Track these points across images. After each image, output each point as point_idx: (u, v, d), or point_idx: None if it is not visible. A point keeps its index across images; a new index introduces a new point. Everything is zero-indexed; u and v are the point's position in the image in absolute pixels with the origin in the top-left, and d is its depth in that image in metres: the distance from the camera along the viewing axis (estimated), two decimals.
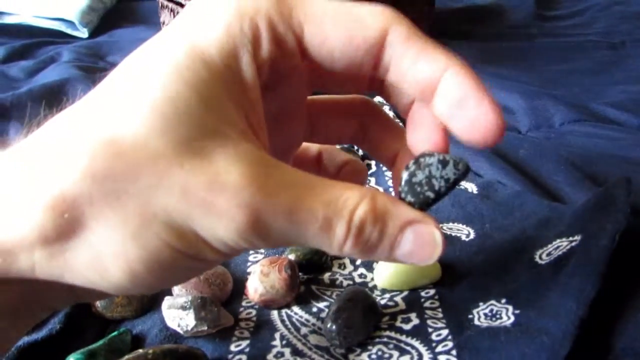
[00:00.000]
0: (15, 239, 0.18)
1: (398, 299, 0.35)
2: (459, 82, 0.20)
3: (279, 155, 0.21)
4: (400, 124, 0.27)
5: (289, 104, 0.24)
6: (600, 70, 0.83)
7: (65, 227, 0.18)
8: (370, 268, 0.38)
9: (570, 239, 0.36)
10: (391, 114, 0.56)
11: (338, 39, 0.20)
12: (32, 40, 0.86)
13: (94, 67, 0.77)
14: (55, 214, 0.17)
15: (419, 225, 0.20)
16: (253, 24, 0.20)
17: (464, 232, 0.42)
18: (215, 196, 0.18)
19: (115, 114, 0.18)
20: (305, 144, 0.28)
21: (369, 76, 0.23)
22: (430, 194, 0.21)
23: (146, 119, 0.18)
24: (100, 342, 0.30)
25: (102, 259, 0.18)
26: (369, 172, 0.51)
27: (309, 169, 0.26)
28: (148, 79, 0.18)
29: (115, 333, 0.31)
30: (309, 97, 0.26)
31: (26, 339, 0.29)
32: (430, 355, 0.30)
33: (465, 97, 0.20)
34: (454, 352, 0.30)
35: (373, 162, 0.51)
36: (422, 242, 0.20)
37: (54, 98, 0.64)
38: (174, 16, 0.82)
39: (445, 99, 0.20)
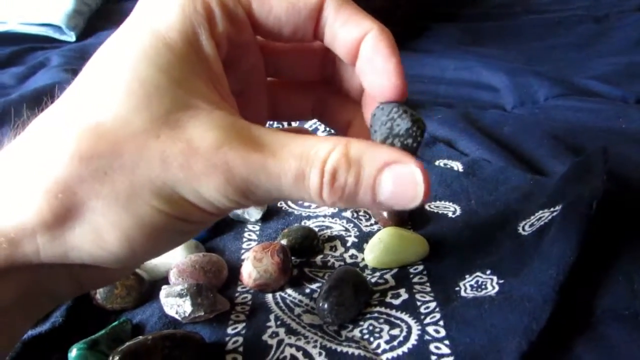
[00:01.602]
0: (18, 226, 0.19)
1: (388, 276, 0.36)
2: (375, 42, 0.22)
3: None
4: None
5: (250, 80, 0.26)
6: (584, 44, 0.84)
7: (62, 209, 0.19)
8: (360, 249, 0.39)
9: (552, 209, 0.37)
10: None
11: (282, 7, 0.22)
12: (21, 47, 0.86)
13: (82, 69, 0.77)
14: (51, 198, 0.19)
15: (397, 166, 0.20)
16: (205, 3, 0.21)
17: (451, 209, 0.43)
18: (192, 160, 0.19)
19: (94, 101, 0.20)
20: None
21: (319, 57, 0.26)
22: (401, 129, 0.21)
23: (122, 101, 0.20)
24: (102, 332, 0.31)
25: (100, 231, 0.20)
26: None
27: None
28: (119, 65, 0.20)
29: (115, 323, 0.32)
30: (269, 79, 0.28)
31: (30, 333, 0.31)
32: (419, 327, 0.31)
33: (375, 55, 0.22)
34: (441, 322, 0.31)
35: None
36: (402, 182, 0.20)
37: (46, 102, 0.65)
38: None
39: (361, 56, 0.22)
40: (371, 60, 0.22)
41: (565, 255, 0.31)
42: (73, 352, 0.29)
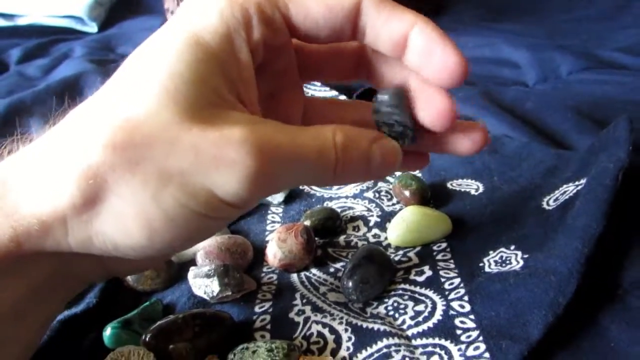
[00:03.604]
0: (50, 210, 0.20)
1: (411, 254, 0.37)
2: (425, 34, 0.22)
3: None
4: None
5: (283, 81, 0.27)
6: (608, 17, 0.81)
7: (92, 194, 0.20)
8: (383, 228, 0.40)
9: (576, 183, 0.37)
10: None
11: (319, 11, 0.23)
12: (45, 39, 0.88)
13: (105, 59, 0.79)
14: (82, 183, 0.20)
15: (381, 141, 0.24)
16: (243, 9, 0.22)
17: (473, 186, 0.43)
18: (225, 150, 0.20)
19: (129, 95, 0.21)
20: None
21: (354, 58, 0.26)
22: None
23: (154, 96, 0.20)
24: (134, 312, 0.32)
25: (125, 219, 0.21)
26: None
27: None
28: (153, 63, 0.21)
29: (147, 303, 0.33)
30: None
31: (66, 313, 0.32)
32: (444, 303, 0.32)
33: (431, 46, 0.22)
34: (466, 297, 0.32)
35: None
36: (386, 152, 0.24)
37: (71, 92, 0.67)
38: (177, 3, 0.83)
39: (414, 50, 0.23)
40: (428, 49, 0.22)
41: (591, 227, 0.31)
42: (108, 331, 0.31)
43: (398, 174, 0.45)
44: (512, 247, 0.34)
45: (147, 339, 0.29)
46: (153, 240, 0.21)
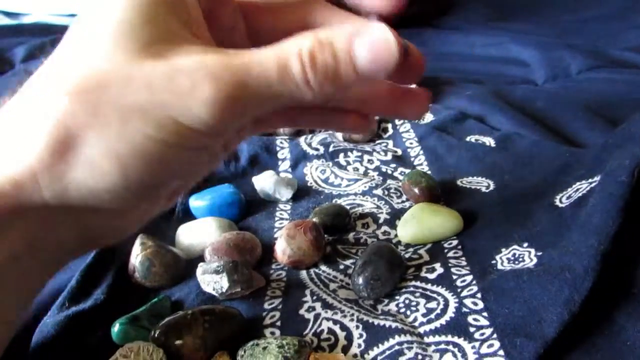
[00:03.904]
0: (20, 170, 0.21)
1: (422, 251, 0.36)
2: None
3: None
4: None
5: (231, 40, 0.27)
6: (618, 16, 0.81)
7: (58, 145, 0.20)
8: (393, 225, 0.39)
9: (590, 180, 0.36)
10: None
11: None
12: (49, 38, 0.88)
13: None
14: (46, 137, 0.20)
15: (364, 32, 0.21)
16: None
17: (484, 184, 0.42)
18: (176, 80, 0.20)
19: (83, 46, 0.21)
20: None
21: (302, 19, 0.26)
22: None
23: (107, 42, 0.21)
24: (143, 308, 0.32)
25: (96, 163, 0.21)
26: (387, 135, 0.51)
27: None
28: (105, 13, 0.22)
29: (155, 300, 0.33)
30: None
31: (74, 309, 0.32)
32: (456, 300, 0.31)
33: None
34: (479, 295, 0.31)
35: (390, 125, 0.52)
36: (373, 43, 0.21)
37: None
38: None
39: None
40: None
41: (607, 224, 0.30)
42: (116, 327, 0.30)
43: (407, 171, 0.45)
44: (525, 245, 0.34)
45: (156, 334, 0.29)
46: (127, 177, 0.21)
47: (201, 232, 0.38)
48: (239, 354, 0.28)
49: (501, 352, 0.27)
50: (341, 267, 0.36)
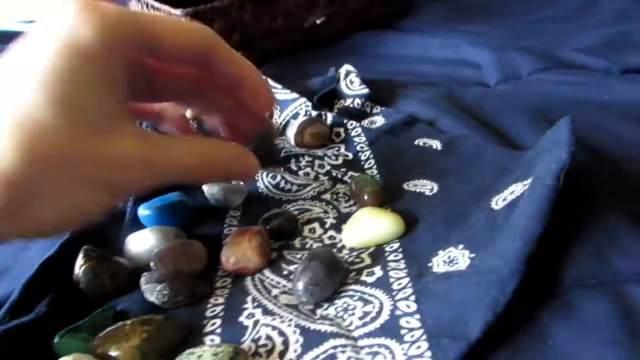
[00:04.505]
0: None
1: (364, 255, 0.37)
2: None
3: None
4: None
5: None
6: (571, 17, 0.83)
7: (13, 204, 0.24)
8: (338, 230, 0.40)
9: (524, 182, 0.38)
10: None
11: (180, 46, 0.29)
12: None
13: None
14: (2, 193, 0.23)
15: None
16: (123, 37, 0.26)
17: (428, 187, 0.43)
18: (120, 162, 0.26)
19: (30, 99, 0.23)
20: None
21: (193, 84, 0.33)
22: None
23: (57, 110, 0.24)
24: (85, 320, 0.32)
25: (43, 220, 0.25)
26: (340, 139, 0.52)
27: None
28: (45, 73, 0.24)
29: (98, 310, 0.33)
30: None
31: (14, 322, 0.32)
32: (391, 302, 0.32)
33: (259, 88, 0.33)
34: (412, 297, 0.32)
35: (342, 129, 0.53)
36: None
37: None
38: (142, 6, 0.83)
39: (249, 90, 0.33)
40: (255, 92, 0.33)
41: (531, 227, 0.31)
42: (56, 339, 0.31)
43: (357, 175, 0.46)
44: (460, 247, 0.35)
45: (93, 345, 0.29)
46: (64, 230, 0.28)
47: (148, 241, 0.39)
48: None
49: (428, 354, 0.28)
50: (285, 272, 0.36)
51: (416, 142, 0.49)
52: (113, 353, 0.29)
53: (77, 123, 0.24)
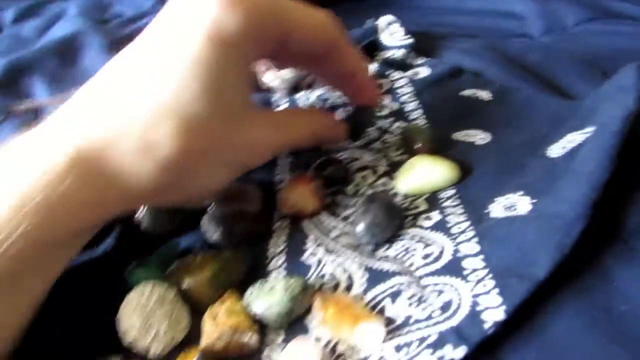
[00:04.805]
0: (136, 194, 0.28)
1: (419, 201, 0.37)
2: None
3: None
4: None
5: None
6: None
7: (168, 180, 0.28)
8: (391, 177, 0.40)
9: (583, 131, 0.37)
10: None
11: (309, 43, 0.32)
12: (36, 0, 0.87)
13: (100, 18, 0.78)
14: (160, 176, 0.27)
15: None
16: (260, 30, 0.28)
17: (479, 137, 0.43)
18: (256, 149, 0.32)
19: (184, 95, 0.26)
20: None
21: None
22: None
23: (209, 100, 0.27)
24: (151, 256, 0.33)
25: (185, 194, 0.31)
26: (382, 90, 0.52)
27: None
28: (189, 67, 0.26)
29: (163, 247, 0.34)
30: None
31: (82, 258, 0.33)
32: (453, 245, 0.33)
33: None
34: (474, 240, 0.32)
35: (386, 81, 0.52)
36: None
37: (68, 51, 0.67)
38: None
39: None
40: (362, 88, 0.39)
41: (598, 172, 0.31)
42: (128, 272, 0.32)
43: (404, 125, 0.45)
44: (520, 193, 0.35)
45: (168, 275, 0.30)
46: (196, 202, 0.35)
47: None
48: (247, 294, 0.30)
49: (495, 291, 0.28)
50: (341, 216, 0.37)
51: (464, 93, 0.49)
52: (187, 283, 0.29)
53: (225, 113, 0.27)
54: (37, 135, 0.26)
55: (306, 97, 0.50)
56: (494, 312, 0.27)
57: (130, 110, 0.26)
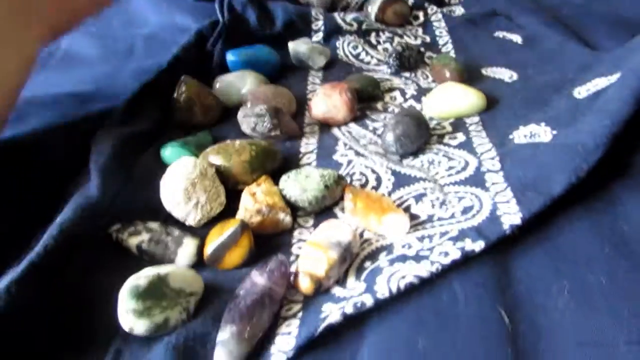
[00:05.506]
0: None
1: (445, 123, 0.39)
2: None
3: None
4: None
5: None
6: None
7: None
8: (419, 100, 0.42)
9: (609, 77, 0.39)
10: None
11: None
12: None
13: None
14: None
15: None
16: None
17: (507, 74, 0.44)
18: None
19: None
20: None
21: None
22: None
23: None
24: (189, 137, 0.35)
25: None
26: (418, 22, 0.52)
27: None
28: None
29: (199, 133, 0.36)
30: None
31: (128, 130, 0.34)
32: (476, 161, 0.34)
33: None
34: (497, 158, 0.34)
35: (421, 13, 0.53)
36: None
37: None
38: None
39: None
40: None
41: (621, 109, 0.33)
42: (168, 149, 0.33)
43: (435, 56, 0.47)
44: (543, 124, 0.37)
45: (206, 154, 0.31)
46: None
47: (239, 82, 0.40)
48: (282, 179, 0.31)
49: (514, 201, 0.30)
50: (370, 128, 0.39)
51: (496, 34, 0.50)
52: (226, 163, 0.31)
53: None
54: None
55: (342, 17, 0.51)
56: (511, 217, 0.29)
57: None
